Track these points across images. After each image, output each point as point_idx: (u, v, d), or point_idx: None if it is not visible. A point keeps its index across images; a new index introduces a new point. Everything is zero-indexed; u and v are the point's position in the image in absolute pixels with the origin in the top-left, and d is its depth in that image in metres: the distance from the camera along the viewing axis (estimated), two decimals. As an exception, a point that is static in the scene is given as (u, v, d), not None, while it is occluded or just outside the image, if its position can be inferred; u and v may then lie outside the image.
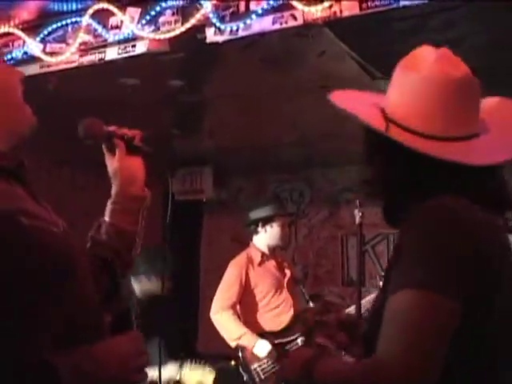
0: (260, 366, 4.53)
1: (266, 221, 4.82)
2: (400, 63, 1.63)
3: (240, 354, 4.57)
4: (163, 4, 3.92)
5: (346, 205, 6.48)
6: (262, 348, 4.54)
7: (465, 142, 1.53)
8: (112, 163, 1.92)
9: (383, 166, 1.59)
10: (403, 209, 1.55)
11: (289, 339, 4.65)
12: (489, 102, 1.66)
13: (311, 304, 4.72)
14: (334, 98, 1.65)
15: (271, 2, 3.48)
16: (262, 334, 4.64)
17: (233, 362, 4.71)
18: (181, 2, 3.85)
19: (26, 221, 1.49)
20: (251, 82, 4.66)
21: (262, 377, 4.50)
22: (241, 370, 4.58)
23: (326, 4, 3.33)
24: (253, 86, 4.72)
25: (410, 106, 1.55)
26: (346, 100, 1.67)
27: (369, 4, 3.21)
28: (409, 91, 1.56)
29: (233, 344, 4.61)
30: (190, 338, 6.58)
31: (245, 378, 4.56)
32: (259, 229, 4.84)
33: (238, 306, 4.74)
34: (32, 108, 1.72)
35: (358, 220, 3.78)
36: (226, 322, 4.65)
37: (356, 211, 3.77)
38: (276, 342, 4.60)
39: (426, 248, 1.40)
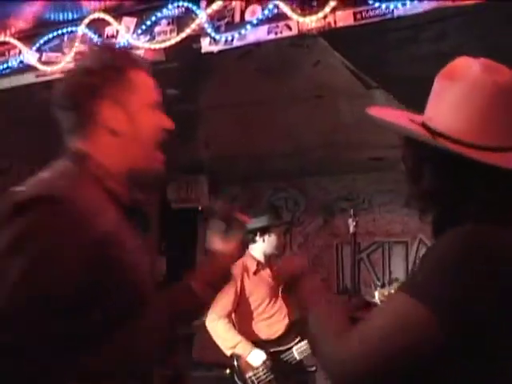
0: (255, 374, 4.51)
1: (264, 230, 4.82)
2: (441, 75, 1.54)
3: (235, 363, 4.55)
4: (158, 14, 3.94)
5: (341, 213, 6.49)
6: (257, 357, 4.53)
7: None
8: (222, 244, 1.98)
9: (435, 180, 1.50)
10: (453, 222, 1.48)
11: (284, 348, 4.64)
12: None
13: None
14: (375, 114, 1.59)
15: (266, 13, 3.49)
16: (257, 343, 4.62)
17: (228, 371, 4.70)
18: (176, 12, 3.87)
19: (122, 253, 1.57)
20: (246, 92, 4.67)
21: (256, 385, 4.49)
22: (236, 378, 4.56)
23: (321, 15, 3.34)
24: (248, 95, 4.73)
25: (457, 117, 1.48)
26: (386, 115, 1.60)
27: (363, 14, 3.22)
28: (456, 101, 1.48)
29: (228, 352, 4.60)
30: (185, 348, 6.56)
31: (239, 387, 4.55)
32: (257, 238, 4.84)
33: (233, 315, 4.73)
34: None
35: (352, 229, 3.78)
36: (221, 331, 4.63)
37: (350, 220, 3.77)
38: (271, 350, 4.59)
39: (442, 264, 1.36)
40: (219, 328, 4.63)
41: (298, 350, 4.61)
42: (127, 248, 1.60)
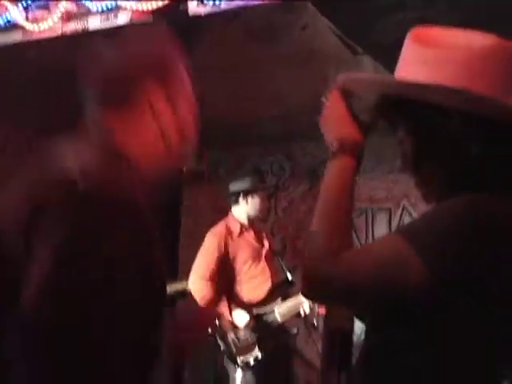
0: (237, 335, 4.56)
1: (248, 192, 4.83)
2: (424, 42, 1.47)
3: (217, 322, 4.59)
4: (146, -27, 3.92)
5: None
6: (240, 317, 4.58)
7: None
8: None
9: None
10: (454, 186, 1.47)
11: (266, 310, 4.68)
12: None
13: (290, 276, 4.75)
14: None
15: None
16: (240, 305, 4.67)
17: (209, 330, 4.75)
18: (164, -27, 3.85)
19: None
20: (234, 55, 4.65)
21: (239, 346, 4.54)
22: (217, 338, 4.60)
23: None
24: (235, 58, 4.71)
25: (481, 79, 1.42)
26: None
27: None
28: (457, 71, 1.42)
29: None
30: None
31: (221, 347, 4.59)
32: (240, 200, 4.85)
33: (219, 278, 4.75)
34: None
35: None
36: (204, 292, 4.66)
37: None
38: (254, 312, 4.64)
39: (442, 223, 1.37)
40: (202, 288, 4.65)
41: (280, 312, 4.66)
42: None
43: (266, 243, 4.98)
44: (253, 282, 4.79)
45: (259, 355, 4.51)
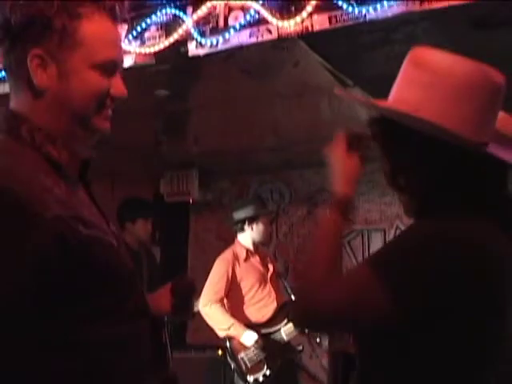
0: (247, 354, 4.57)
1: (252, 219, 4.87)
2: (412, 63, 1.52)
3: (227, 344, 4.61)
4: (148, 20, 3.98)
5: (323, 204, 6.53)
6: (249, 338, 4.59)
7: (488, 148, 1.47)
8: None
9: (427, 170, 1.50)
10: (429, 203, 1.53)
11: (273, 329, 4.70)
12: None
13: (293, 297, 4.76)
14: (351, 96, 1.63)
15: (248, 18, 3.55)
16: (248, 325, 4.68)
17: (220, 352, 4.76)
18: (164, 19, 3.92)
19: (84, 230, 1.32)
20: (232, 91, 4.71)
21: (249, 365, 4.55)
22: (228, 358, 4.62)
23: (298, 19, 3.40)
24: (234, 94, 4.77)
25: (445, 109, 1.45)
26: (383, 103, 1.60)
27: (338, 18, 3.28)
28: (445, 95, 1.46)
29: (222, 334, 4.65)
30: (179, 330, 6.61)
31: (232, 367, 4.60)
32: (245, 227, 4.89)
33: (225, 300, 4.78)
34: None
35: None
36: (215, 314, 4.68)
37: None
38: (261, 332, 4.65)
39: (411, 249, 1.40)
40: (213, 311, 4.68)
41: (286, 331, 4.68)
42: (87, 223, 1.34)
43: (271, 266, 5.02)
44: (260, 303, 4.82)
45: (268, 372, 4.51)
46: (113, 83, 1.45)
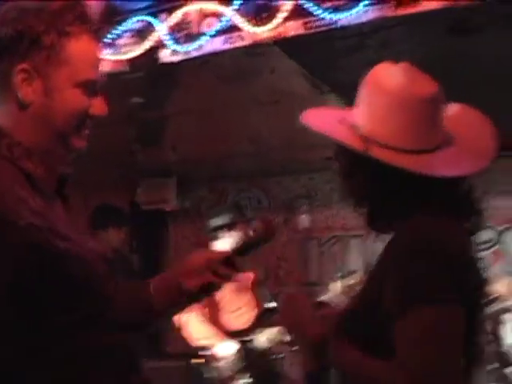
0: (226, 363, 4.52)
1: (229, 226, 4.83)
2: (367, 81, 1.62)
3: (207, 353, 4.56)
4: (121, 27, 3.95)
5: (300, 211, 6.53)
6: (229, 347, 4.54)
7: (434, 153, 1.56)
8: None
9: (366, 181, 1.61)
10: (386, 217, 1.63)
11: (253, 337, 4.65)
12: (451, 110, 1.67)
13: (274, 303, 4.73)
14: (308, 121, 1.65)
15: (221, 24, 3.54)
16: (228, 333, 4.64)
17: (200, 360, 4.70)
18: (138, 26, 3.90)
19: (61, 243, 1.33)
20: (208, 98, 4.69)
21: (228, 374, 4.50)
22: (207, 367, 4.57)
23: (271, 26, 3.40)
24: (210, 101, 4.75)
25: (384, 124, 1.57)
26: (318, 121, 1.68)
27: (311, 24, 3.28)
28: (381, 110, 1.57)
29: (200, 343, 4.61)
30: (158, 339, 6.54)
31: (211, 375, 4.55)
32: (223, 234, 4.84)
33: (204, 308, 4.73)
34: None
35: (305, 224, 3.82)
36: (194, 323, 4.63)
37: (303, 216, 3.81)
38: (241, 340, 4.60)
39: (419, 264, 1.45)
40: (192, 320, 4.62)
41: (267, 338, 4.63)
42: (63, 236, 1.35)
43: (251, 274, 4.96)
44: (239, 311, 4.78)
45: (247, 381, 4.47)
46: (94, 103, 1.47)
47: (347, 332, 1.58)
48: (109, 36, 3.96)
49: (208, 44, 3.64)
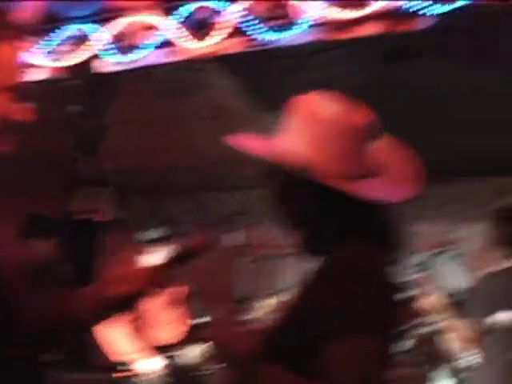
0: (152, 378, 4.47)
1: (164, 240, 4.80)
2: (299, 110, 1.63)
3: (131, 367, 4.49)
4: (61, 35, 3.91)
5: (236, 227, 6.54)
6: (155, 361, 4.49)
7: (367, 179, 1.59)
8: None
9: (302, 206, 1.62)
10: (322, 242, 1.61)
11: (181, 352, 4.62)
12: (378, 143, 1.69)
13: (204, 318, 4.71)
14: (243, 144, 1.67)
15: (161, 38, 3.54)
16: (156, 348, 4.59)
17: (123, 374, 4.63)
18: (77, 34, 3.86)
19: None
20: (149, 110, 4.67)
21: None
22: (131, 382, 4.50)
23: (212, 42, 3.41)
24: (150, 113, 4.73)
25: (319, 152, 1.57)
26: (253, 143, 1.68)
27: (252, 43, 3.31)
28: (316, 139, 1.58)
29: (125, 357, 4.54)
30: (80, 350, 6.41)
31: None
32: (157, 247, 4.81)
33: (132, 321, 4.67)
34: None
35: (239, 240, 3.83)
36: (119, 336, 4.56)
37: (239, 232, 3.82)
38: (169, 354, 4.56)
39: (355, 291, 1.47)
40: (117, 332, 4.55)
41: (196, 353, 4.60)
42: None
43: (183, 288, 4.93)
44: (170, 325, 4.73)
45: (175, 397, 4.43)
46: (22, 108, 1.44)
47: (275, 348, 1.57)
48: (48, 43, 3.92)
49: (149, 56, 3.64)
